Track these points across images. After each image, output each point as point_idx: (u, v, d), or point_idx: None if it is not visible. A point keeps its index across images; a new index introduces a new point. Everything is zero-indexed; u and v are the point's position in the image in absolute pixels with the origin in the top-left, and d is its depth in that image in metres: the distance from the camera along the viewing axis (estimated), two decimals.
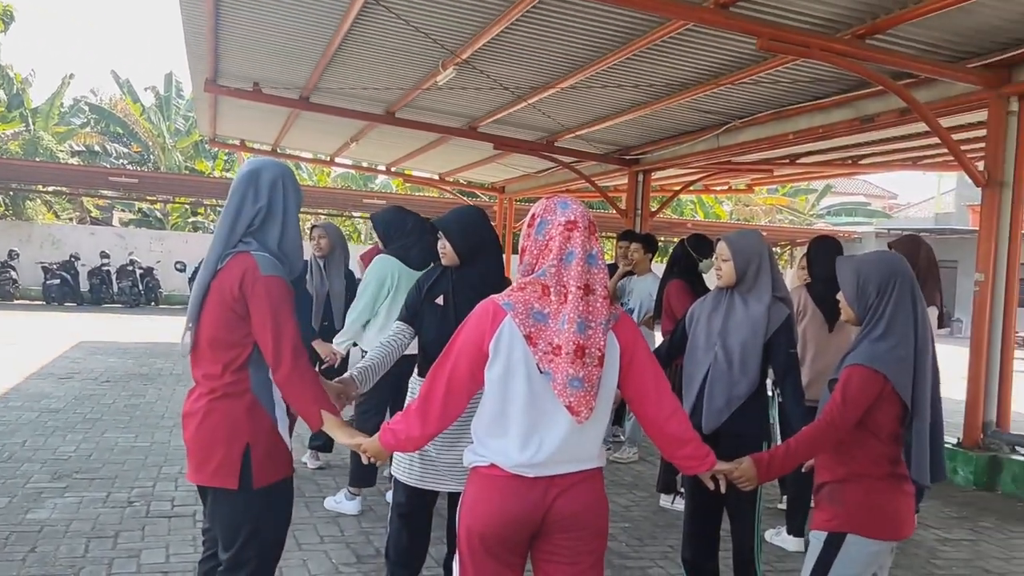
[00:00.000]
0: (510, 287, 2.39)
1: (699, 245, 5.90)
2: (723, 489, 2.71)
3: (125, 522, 4.86)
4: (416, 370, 3.64)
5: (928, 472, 2.72)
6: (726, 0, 6.13)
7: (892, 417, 2.72)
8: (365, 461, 2.65)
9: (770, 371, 3.57)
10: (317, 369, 5.60)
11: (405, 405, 3.59)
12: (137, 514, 5.02)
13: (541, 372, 2.27)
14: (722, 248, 3.58)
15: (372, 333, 4.94)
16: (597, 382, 2.28)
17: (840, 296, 2.88)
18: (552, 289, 2.29)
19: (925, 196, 43.02)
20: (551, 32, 7.65)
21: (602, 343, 2.29)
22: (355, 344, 5.26)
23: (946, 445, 4.83)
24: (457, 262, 3.45)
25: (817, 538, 2.80)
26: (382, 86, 10.29)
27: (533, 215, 2.41)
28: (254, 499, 2.65)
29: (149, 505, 5.20)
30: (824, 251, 5.05)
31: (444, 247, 3.46)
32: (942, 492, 6.56)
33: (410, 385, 3.71)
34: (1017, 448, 7.04)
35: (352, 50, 9.01)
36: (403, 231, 5.01)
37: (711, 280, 4.42)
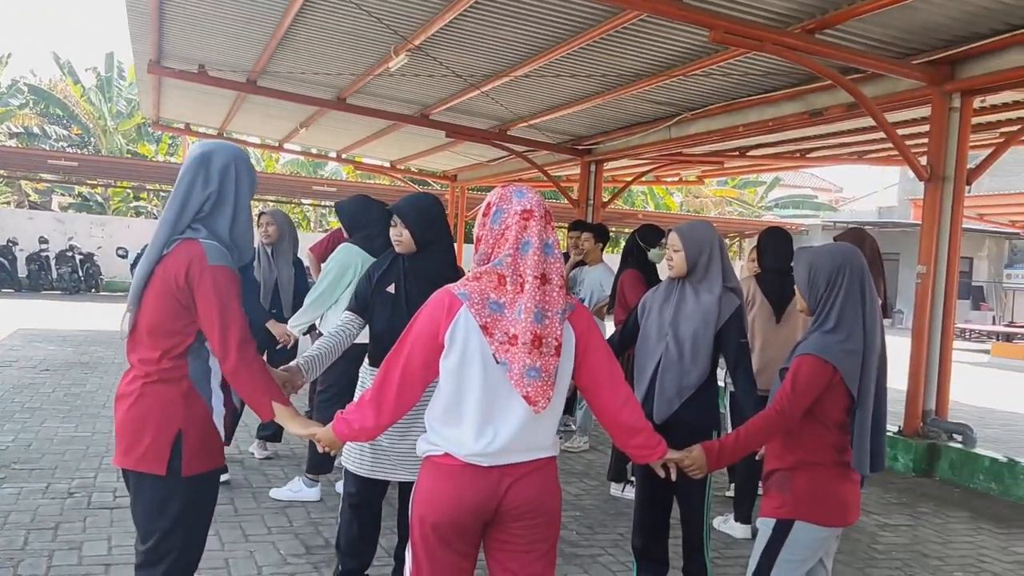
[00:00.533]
0: (465, 277, 2.37)
1: (648, 235, 5.94)
2: (674, 477, 2.74)
3: (66, 513, 4.74)
4: (367, 360, 3.60)
5: (868, 462, 2.78)
6: None
7: (840, 407, 2.77)
8: (321, 451, 2.60)
9: (721, 361, 3.61)
10: (269, 351, 5.59)
11: (356, 395, 3.58)
12: (78, 505, 4.90)
13: (497, 362, 2.25)
14: (673, 239, 3.60)
15: (334, 318, 4.90)
16: (554, 372, 2.27)
17: (796, 287, 2.92)
18: (508, 278, 2.27)
19: (869, 190, 43.91)
20: (505, 20, 7.62)
21: (559, 332, 2.28)
22: (311, 330, 5.21)
23: (887, 433, 4.92)
24: (413, 249, 3.41)
25: (766, 525, 2.85)
26: (333, 71, 10.14)
27: (488, 204, 2.38)
28: (181, 487, 2.54)
29: (91, 496, 5.08)
30: (775, 242, 5.12)
31: (400, 234, 3.42)
32: (883, 479, 6.73)
33: (360, 374, 3.68)
34: (954, 436, 7.25)
35: (302, 33, 8.85)
36: (368, 220, 4.96)
37: (664, 271, 4.45)
